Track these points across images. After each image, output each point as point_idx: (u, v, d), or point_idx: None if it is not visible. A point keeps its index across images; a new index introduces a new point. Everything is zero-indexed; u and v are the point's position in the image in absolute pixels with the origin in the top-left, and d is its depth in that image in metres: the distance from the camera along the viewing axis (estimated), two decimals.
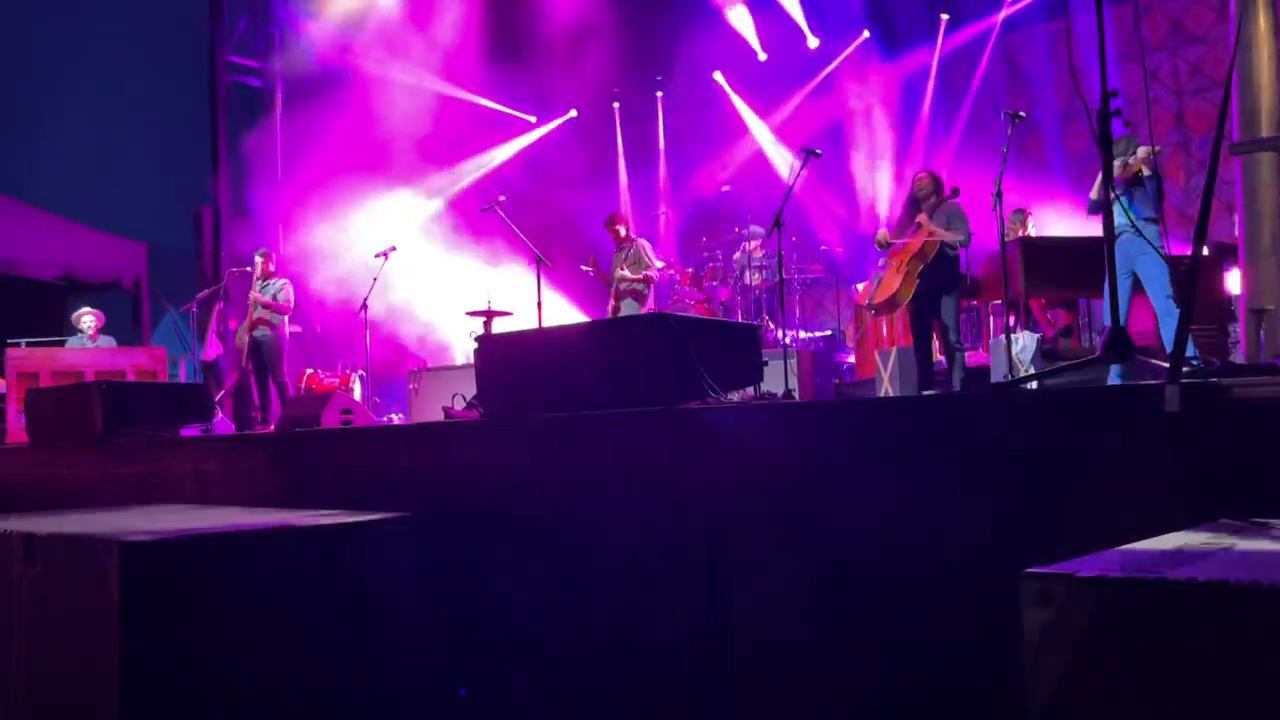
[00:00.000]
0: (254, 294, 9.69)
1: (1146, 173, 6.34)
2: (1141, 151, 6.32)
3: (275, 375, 9.72)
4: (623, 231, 9.40)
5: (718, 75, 13.53)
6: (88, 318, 10.44)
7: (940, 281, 6.85)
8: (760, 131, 13.38)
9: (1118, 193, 6.13)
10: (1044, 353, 7.35)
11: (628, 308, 9.07)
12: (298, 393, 9.89)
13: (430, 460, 3.93)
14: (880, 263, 7.21)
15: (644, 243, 9.43)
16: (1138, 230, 6.12)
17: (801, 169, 6.80)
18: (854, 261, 11.77)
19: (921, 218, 6.90)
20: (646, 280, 9.21)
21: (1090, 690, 1.48)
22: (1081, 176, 11.36)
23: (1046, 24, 12.03)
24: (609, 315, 9.16)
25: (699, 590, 3.14)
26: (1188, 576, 1.41)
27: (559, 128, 14.57)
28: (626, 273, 9.13)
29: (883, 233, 7.19)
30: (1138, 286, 6.41)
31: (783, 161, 12.94)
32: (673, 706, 3.17)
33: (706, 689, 3.12)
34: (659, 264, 9.68)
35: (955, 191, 7.05)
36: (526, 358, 4.09)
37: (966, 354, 7.35)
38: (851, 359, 10.13)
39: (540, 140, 14.63)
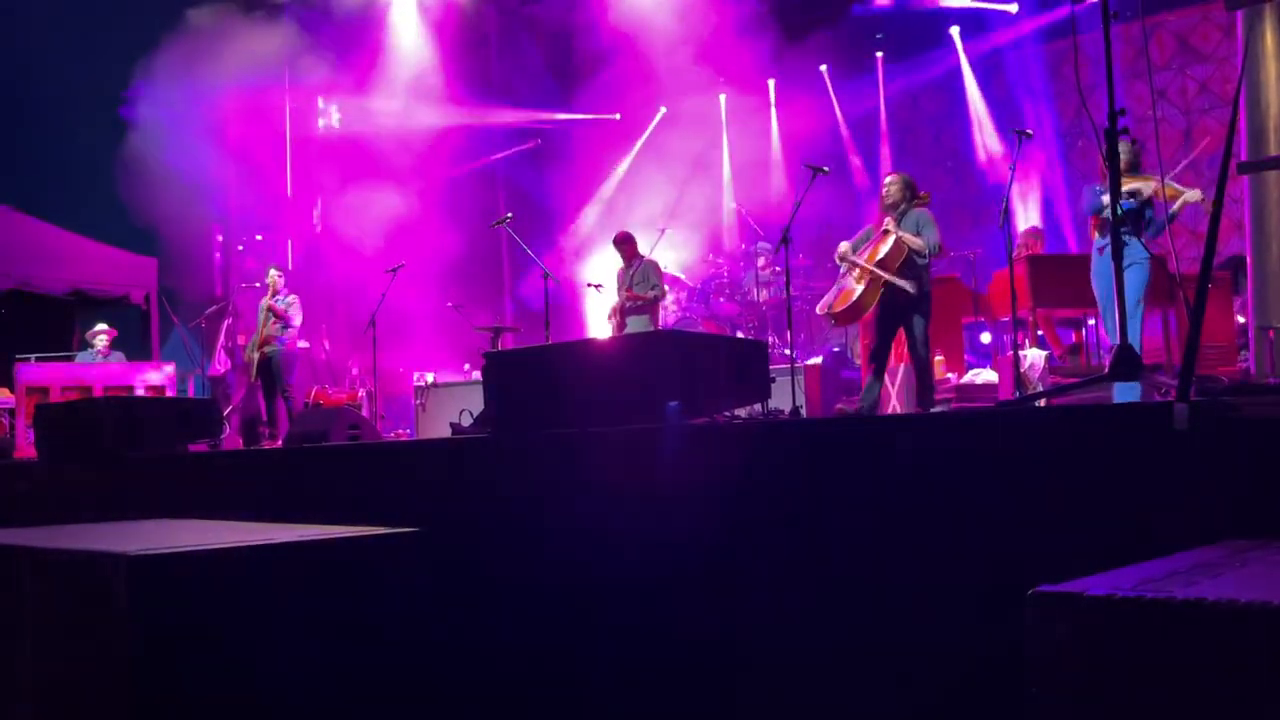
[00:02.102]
0: (266, 299, 9.74)
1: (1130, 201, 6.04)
2: (1141, 185, 6.07)
3: (283, 391, 9.75)
4: (632, 250, 9.45)
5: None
6: (101, 337, 10.53)
7: (906, 294, 6.41)
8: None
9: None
10: (1052, 370, 7.34)
11: (634, 325, 9.09)
12: (305, 408, 9.91)
13: (437, 476, 3.93)
14: (842, 270, 6.81)
15: (653, 262, 9.46)
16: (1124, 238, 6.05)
17: (809, 185, 6.78)
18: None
19: (888, 222, 6.55)
20: (654, 300, 9.23)
21: (1099, 710, 1.47)
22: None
23: (1047, 44, 12.06)
24: (613, 332, 9.17)
25: (708, 605, 3.13)
26: (1197, 596, 1.41)
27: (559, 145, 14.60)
28: (634, 291, 9.15)
29: (844, 246, 6.74)
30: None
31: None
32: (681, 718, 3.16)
33: (715, 703, 3.10)
34: (665, 287, 9.70)
35: (926, 197, 6.69)
36: (534, 374, 4.09)
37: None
38: (859, 376, 10.12)
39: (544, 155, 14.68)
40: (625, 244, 9.49)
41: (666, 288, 9.85)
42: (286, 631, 2.75)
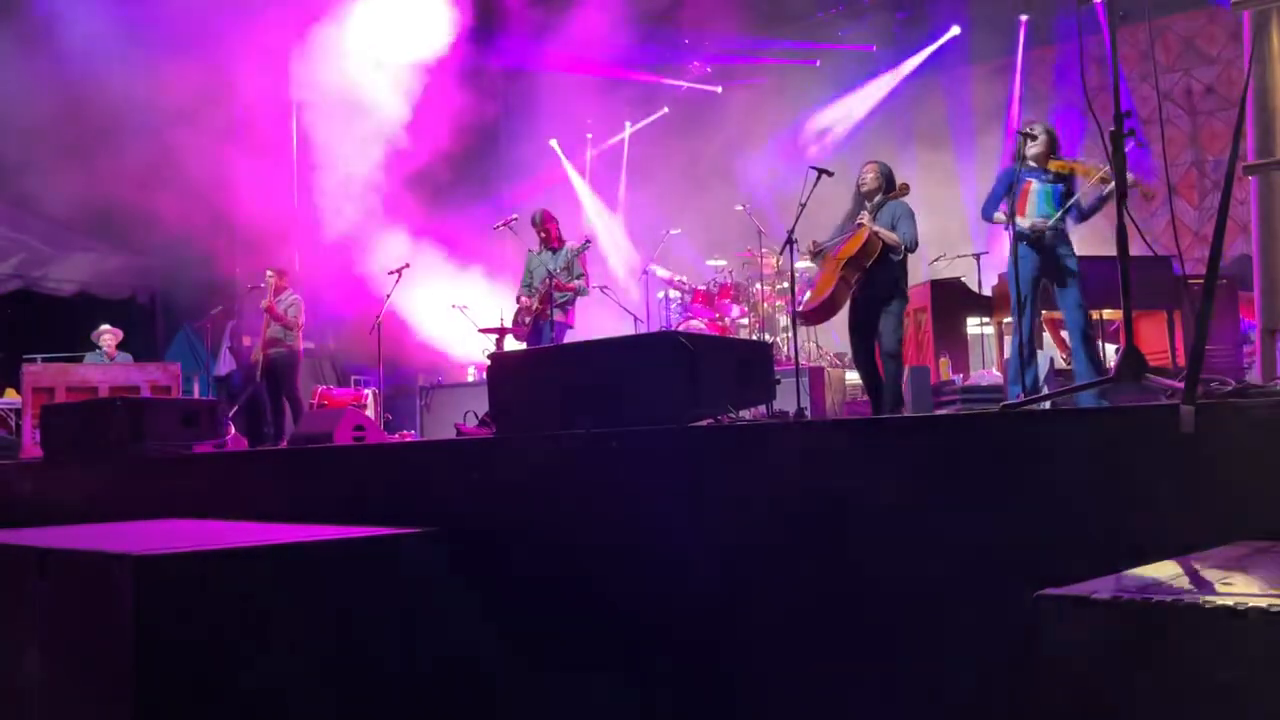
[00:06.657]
0: (266, 301, 9.75)
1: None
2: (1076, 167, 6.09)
3: (288, 391, 9.76)
4: (555, 231, 8.61)
5: None
6: (107, 335, 10.56)
7: (880, 289, 6.17)
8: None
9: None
10: (1056, 372, 7.31)
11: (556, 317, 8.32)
12: (310, 409, 9.92)
13: (442, 477, 3.93)
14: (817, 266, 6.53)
15: (577, 251, 8.60)
16: (1059, 232, 6.05)
17: (813, 186, 6.74)
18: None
19: (863, 216, 6.27)
20: (578, 293, 8.48)
21: (1104, 713, 1.46)
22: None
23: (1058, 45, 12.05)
24: (531, 323, 8.38)
25: (712, 608, 3.13)
26: (1203, 598, 1.40)
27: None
28: (561, 279, 8.32)
29: (811, 243, 6.45)
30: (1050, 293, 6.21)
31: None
32: None
33: (722, 702, 3.10)
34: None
35: (905, 188, 6.36)
36: (538, 375, 4.09)
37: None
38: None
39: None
40: (549, 224, 8.56)
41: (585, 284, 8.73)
42: (291, 630, 2.76)
